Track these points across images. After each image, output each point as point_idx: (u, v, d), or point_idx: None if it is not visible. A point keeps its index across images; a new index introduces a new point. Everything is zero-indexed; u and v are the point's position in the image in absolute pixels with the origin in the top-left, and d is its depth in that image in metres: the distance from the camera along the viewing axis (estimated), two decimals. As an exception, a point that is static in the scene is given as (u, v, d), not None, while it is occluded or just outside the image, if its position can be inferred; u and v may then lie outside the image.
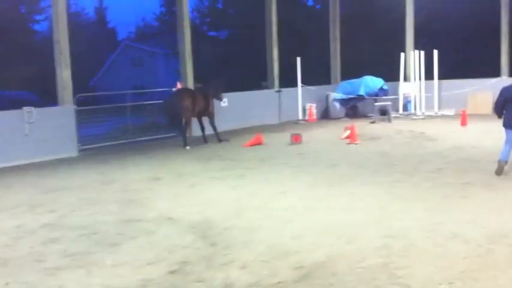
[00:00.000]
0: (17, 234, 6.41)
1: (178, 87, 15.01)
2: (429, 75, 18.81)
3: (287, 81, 19.47)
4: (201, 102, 13.55)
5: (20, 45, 32.52)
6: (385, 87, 19.28)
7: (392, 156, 10.84)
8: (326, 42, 21.99)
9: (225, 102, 15.46)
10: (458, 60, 25.85)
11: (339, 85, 20.31)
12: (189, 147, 12.97)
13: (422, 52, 18.60)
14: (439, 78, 18.92)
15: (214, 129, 13.96)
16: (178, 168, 10.50)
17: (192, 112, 13.38)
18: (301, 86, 18.68)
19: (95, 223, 6.72)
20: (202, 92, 13.83)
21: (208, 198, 7.81)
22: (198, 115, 13.83)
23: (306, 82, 18.84)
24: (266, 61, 19.15)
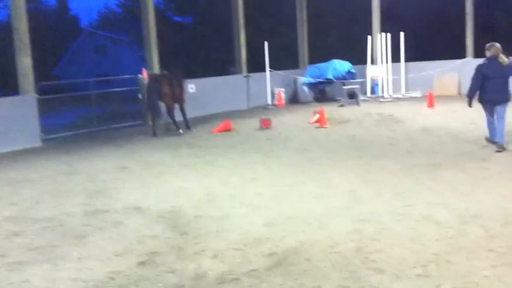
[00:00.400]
0: (-22, 229, 6.14)
1: (145, 74, 14.69)
2: (396, 58, 18.93)
3: (256, 66, 19.31)
4: (177, 88, 13.36)
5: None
6: (352, 70, 19.35)
7: (361, 140, 10.86)
8: (294, 27, 21.88)
9: (192, 88, 15.21)
10: (424, 42, 26.09)
11: (307, 69, 20.28)
12: (181, 131, 12.85)
13: (389, 35, 18.70)
14: (406, 60, 19.08)
15: (184, 115, 13.75)
16: (146, 156, 10.29)
17: (171, 98, 13.18)
18: (270, 70, 18.56)
19: (60, 215, 6.49)
20: (176, 77, 13.59)
21: (178, 187, 7.64)
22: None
23: (274, 67, 18.73)
24: (233, 46, 18.94)
